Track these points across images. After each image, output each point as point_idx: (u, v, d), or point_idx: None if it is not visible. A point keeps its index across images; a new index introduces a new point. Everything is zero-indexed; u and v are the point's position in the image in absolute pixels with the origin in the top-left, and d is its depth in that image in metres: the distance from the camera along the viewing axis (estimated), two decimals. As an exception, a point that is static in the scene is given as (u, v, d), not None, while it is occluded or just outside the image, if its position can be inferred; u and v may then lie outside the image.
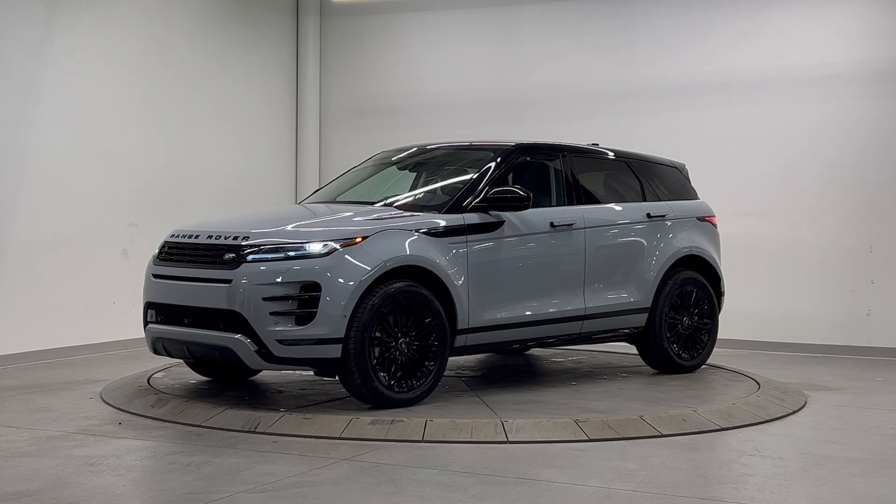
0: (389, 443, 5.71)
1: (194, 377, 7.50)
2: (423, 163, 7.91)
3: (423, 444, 5.70)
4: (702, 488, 4.92)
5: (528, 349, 8.98)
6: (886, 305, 9.72)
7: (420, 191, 7.52)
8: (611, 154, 8.15)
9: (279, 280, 6.14)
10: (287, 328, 6.13)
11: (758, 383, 7.52)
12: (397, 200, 7.22)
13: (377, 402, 6.33)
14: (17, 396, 7.12)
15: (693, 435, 6.03)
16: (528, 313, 7.09)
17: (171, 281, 6.60)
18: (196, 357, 6.68)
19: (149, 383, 7.19)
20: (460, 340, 6.77)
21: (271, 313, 6.12)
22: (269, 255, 6.22)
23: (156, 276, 6.74)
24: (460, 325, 6.72)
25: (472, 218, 6.88)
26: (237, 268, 6.21)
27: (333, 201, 7.57)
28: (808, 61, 9.97)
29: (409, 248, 6.50)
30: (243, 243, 6.31)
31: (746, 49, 10.20)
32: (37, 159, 8.79)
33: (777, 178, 10.10)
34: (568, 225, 7.35)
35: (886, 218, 9.73)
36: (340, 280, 6.18)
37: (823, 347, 9.85)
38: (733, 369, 8.23)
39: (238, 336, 6.16)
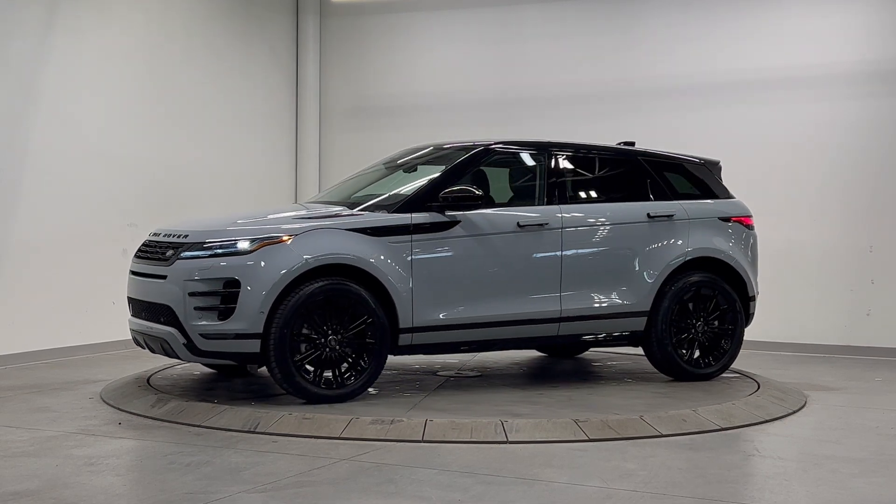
0: (389, 443, 5.71)
1: (194, 377, 7.51)
2: (425, 163, 7.85)
3: (423, 444, 5.70)
4: (702, 488, 4.91)
5: (585, 351, 8.98)
6: (886, 305, 9.72)
7: (389, 192, 7.35)
8: (615, 152, 7.88)
9: (203, 276, 6.39)
10: (209, 323, 6.38)
11: (758, 383, 7.52)
12: (367, 201, 7.13)
13: (303, 397, 6.47)
14: (17, 396, 7.12)
15: (693, 435, 6.02)
16: (486, 314, 6.98)
17: (137, 277, 6.95)
18: (151, 349, 6.85)
19: (149, 383, 7.20)
20: (405, 339, 6.78)
21: (195, 308, 6.38)
22: (199, 253, 6.49)
23: (131, 272, 7.09)
24: (403, 325, 6.72)
25: (421, 217, 6.86)
26: (172, 264, 6.51)
27: (336, 202, 7.52)
28: (809, 61, 9.97)
29: (337, 246, 6.56)
30: (181, 241, 6.61)
31: (747, 49, 10.20)
32: (37, 159, 8.79)
33: (777, 179, 10.10)
34: (539, 225, 7.21)
35: (886, 218, 9.73)
36: (260, 277, 6.36)
37: (823, 347, 9.85)
38: (733, 369, 8.21)
39: (171, 329, 6.45)
